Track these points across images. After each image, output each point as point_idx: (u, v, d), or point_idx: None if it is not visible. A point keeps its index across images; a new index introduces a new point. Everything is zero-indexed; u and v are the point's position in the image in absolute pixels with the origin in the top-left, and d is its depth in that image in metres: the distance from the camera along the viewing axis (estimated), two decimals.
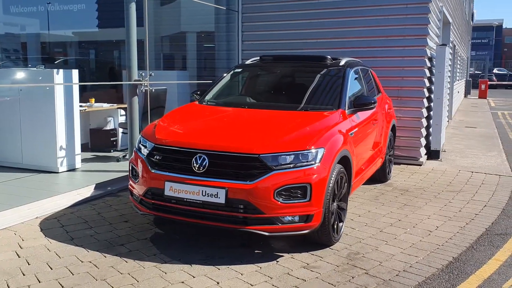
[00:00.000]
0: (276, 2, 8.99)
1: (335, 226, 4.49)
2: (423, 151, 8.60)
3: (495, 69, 50.98)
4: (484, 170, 8.10)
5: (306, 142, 4.18)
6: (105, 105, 8.62)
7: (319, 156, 4.16)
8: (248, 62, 6.22)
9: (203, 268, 3.96)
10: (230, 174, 4.04)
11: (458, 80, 21.49)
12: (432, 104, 8.86)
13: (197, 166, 4.11)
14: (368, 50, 8.44)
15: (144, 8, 6.94)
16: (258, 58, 6.19)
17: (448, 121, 15.17)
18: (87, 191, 5.93)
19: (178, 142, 4.32)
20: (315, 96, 5.40)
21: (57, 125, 6.76)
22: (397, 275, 3.95)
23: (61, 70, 6.85)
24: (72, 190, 5.80)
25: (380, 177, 6.96)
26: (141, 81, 6.84)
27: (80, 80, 7.41)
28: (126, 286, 3.62)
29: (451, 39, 14.11)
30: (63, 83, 6.77)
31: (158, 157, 4.36)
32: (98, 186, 6.12)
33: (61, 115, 6.82)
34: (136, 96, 6.96)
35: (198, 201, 4.06)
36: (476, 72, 48.36)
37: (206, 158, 4.11)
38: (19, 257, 4.11)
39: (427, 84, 8.59)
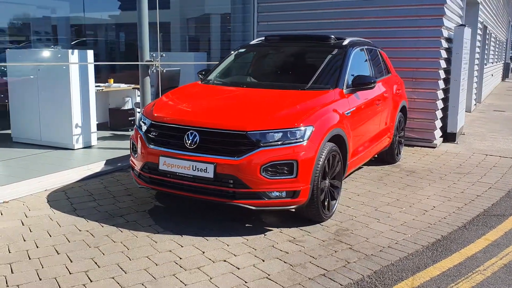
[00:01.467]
0: None
1: (325, 203, 4.57)
2: (438, 133, 8.51)
3: None
4: (500, 153, 7.96)
5: (294, 120, 4.26)
6: (123, 86, 8.87)
7: (307, 134, 4.23)
8: (253, 42, 6.31)
9: (193, 239, 4.13)
10: (219, 150, 4.17)
11: (492, 63, 20.87)
12: (449, 86, 8.72)
13: (189, 142, 4.26)
14: (384, 30, 8.36)
15: None
16: (263, 38, 6.26)
17: (475, 104, 14.84)
18: (97, 167, 6.19)
19: (172, 119, 4.48)
20: (314, 75, 5.44)
21: (72, 104, 7.03)
22: (380, 250, 4.02)
23: (76, 51, 7.11)
24: (83, 165, 6.07)
25: (388, 158, 6.96)
26: (152, 61, 7.02)
27: (102, 60, 7.66)
28: (117, 253, 3.83)
29: (480, 19, 13.70)
30: (78, 63, 7.02)
31: (154, 134, 4.53)
32: (108, 162, 6.37)
33: (76, 94, 7.08)
34: (148, 77, 7.16)
35: (189, 176, 4.22)
36: None
37: (197, 134, 4.26)
38: (23, 225, 4.39)
39: (444, 65, 8.45)
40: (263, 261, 3.76)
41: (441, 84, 8.43)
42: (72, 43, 11.98)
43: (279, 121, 4.25)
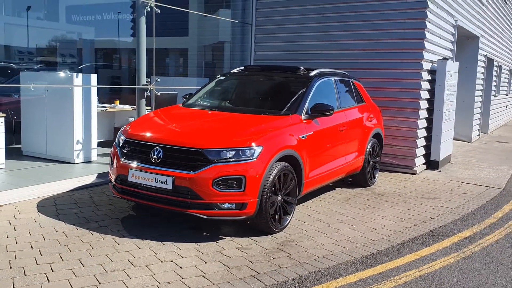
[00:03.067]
0: (286, 16, 9.65)
1: (276, 217, 5.09)
2: (419, 160, 8.91)
3: None
4: (476, 182, 8.31)
5: (246, 140, 4.84)
6: (126, 107, 9.62)
7: (256, 153, 4.80)
8: (233, 70, 6.95)
9: (151, 243, 4.70)
10: (179, 165, 4.77)
11: (506, 94, 21.00)
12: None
13: (154, 157, 4.88)
14: (368, 62, 8.91)
15: (153, 20, 7.80)
16: (243, 67, 6.91)
17: (478, 134, 15.09)
18: (89, 179, 6.86)
19: (142, 136, 5.12)
20: (278, 102, 6.03)
21: (74, 122, 7.77)
22: (314, 259, 4.51)
23: (80, 74, 7.89)
24: (76, 177, 6.75)
25: (361, 181, 7.43)
26: (147, 85, 7.74)
27: (110, 83, 8.43)
28: (81, 251, 4.43)
29: (482, 52, 14.08)
30: (81, 85, 7.79)
31: (127, 149, 5.18)
32: (100, 175, 7.04)
33: (79, 113, 7.82)
34: (144, 99, 7.87)
35: (152, 187, 4.82)
36: None
37: (161, 150, 4.88)
38: (10, 225, 5.05)
39: (427, 96, 8.92)
40: (206, 263, 4.30)
41: (423, 113, 8.87)
42: (80, 66, 12.96)
43: (232, 141, 4.83)
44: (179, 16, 11.91)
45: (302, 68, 6.50)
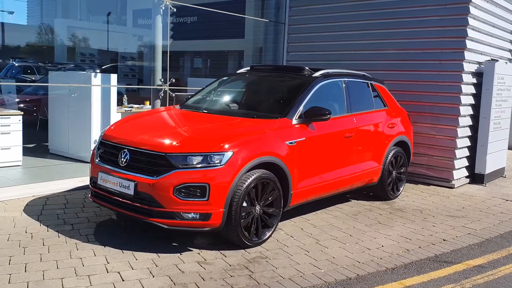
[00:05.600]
0: (320, 14, 9.10)
1: (252, 229, 4.64)
2: (459, 173, 7.99)
3: None
4: None
5: (214, 145, 4.44)
6: None
7: (225, 159, 4.38)
8: (239, 71, 6.56)
9: (110, 251, 4.44)
10: (143, 169, 4.47)
11: None
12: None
13: (122, 160, 4.62)
14: (404, 63, 8.15)
15: (168, 21, 7.62)
16: (249, 67, 6.51)
17: None
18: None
19: (113, 138, 4.89)
20: (271, 104, 5.57)
21: (92, 122, 7.77)
22: (277, 281, 4.01)
23: (99, 74, 7.90)
24: (76, 177, 6.69)
25: (380, 194, 6.74)
26: (161, 86, 7.56)
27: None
28: (35, 255, 4.25)
29: None
30: (100, 85, 7.77)
31: (101, 151, 4.97)
32: None
33: (97, 113, 7.82)
34: (158, 100, 7.70)
35: (116, 191, 4.57)
36: None
37: (128, 153, 4.61)
38: None
39: (471, 101, 7.99)
40: (153, 277, 3.95)
41: (466, 121, 7.96)
42: (103, 66, 13.20)
43: (200, 145, 4.45)
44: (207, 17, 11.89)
45: (307, 68, 5.97)
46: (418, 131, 7.89)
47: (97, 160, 4.93)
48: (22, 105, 9.90)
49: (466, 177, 8.29)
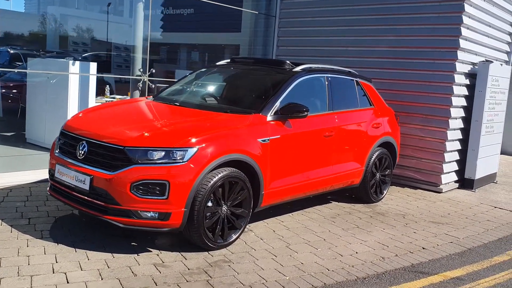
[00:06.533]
0: (312, 7, 8.79)
1: (217, 231, 4.35)
2: (447, 177, 7.70)
3: None
4: None
5: (177, 140, 4.15)
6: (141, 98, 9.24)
7: (188, 155, 4.09)
8: (219, 63, 6.25)
9: (63, 249, 4.15)
10: (101, 163, 4.18)
11: None
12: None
13: (80, 152, 4.33)
14: (395, 61, 7.84)
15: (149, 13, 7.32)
16: (229, 59, 6.21)
17: None
18: None
19: (73, 129, 4.59)
20: (247, 99, 5.27)
21: (68, 111, 7.46)
22: (236, 287, 3.73)
23: (77, 62, 7.58)
24: (46, 168, 6.38)
25: (362, 196, 6.45)
26: (141, 76, 7.26)
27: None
28: None
29: None
30: (78, 73, 7.46)
31: (61, 142, 4.67)
32: None
33: (74, 102, 7.52)
34: (138, 90, 7.41)
35: (72, 185, 4.28)
36: None
37: (86, 145, 4.31)
38: None
39: (463, 103, 7.69)
40: (101, 279, 3.67)
41: (457, 123, 7.66)
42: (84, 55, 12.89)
43: (162, 140, 4.16)
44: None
45: (288, 62, 5.67)
46: (407, 132, 7.60)
47: (56, 152, 4.64)
48: (3, 91, 9.62)
49: (456, 181, 8.00)
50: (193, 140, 4.17)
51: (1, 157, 7.05)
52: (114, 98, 8.88)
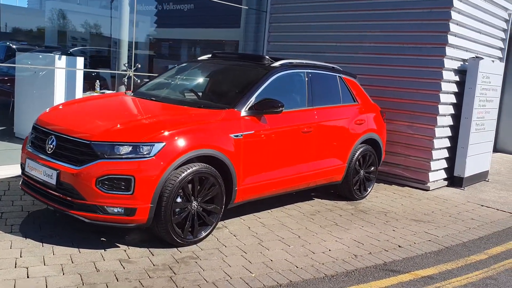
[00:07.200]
0: (302, 3, 8.70)
1: (186, 227, 4.31)
2: (435, 175, 7.62)
3: None
4: (501, 207, 6.90)
5: (143, 134, 4.11)
6: (128, 93, 9.22)
7: (155, 150, 4.06)
8: (200, 58, 6.21)
9: (30, 243, 4.12)
10: (68, 158, 4.15)
11: None
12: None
13: (48, 147, 4.31)
14: (383, 57, 7.74)
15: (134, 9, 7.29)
16: (210, 54, 6.16)
17: None
18: None
19: (44, 123, 4.57)
20: (224, 94, 5.22)
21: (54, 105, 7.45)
22: (198, 285, 3.69)
23: (63, 56, 7.55)
24: None
25: (345, 194, 6.39)
26: (126, 71, 7.23)
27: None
28: None
29: None
30: (65, 68, 7.44)
31: (32, 136, 4.65)
32: None
33: (60, 97, 7.49)
34: (123, 85, 7.38)
35: (40, 180, 4.25)
36: None
37: (55, 140, 4.29)
38: None
39: (453, 100, 7.60)
40: (63, 274, 3.64)
41: (446, 120, 7.57)
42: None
43: (129, 134, 4.12)
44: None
45: (267, 57, 5.62)
46: (394, 129, 7.52)
47: (28, 146, 4.62)
48: None
49: (445, 179, 7.91)
50: (160, 135, 4.13)
51: None
52: (104, 93, 8.86)
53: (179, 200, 4.24)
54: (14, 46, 13.00)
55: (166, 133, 4.16)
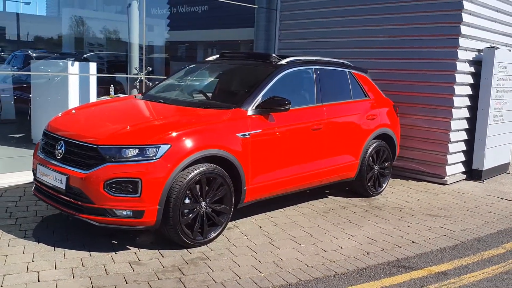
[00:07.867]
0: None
1: (195, 228, 4.32)
2: (452, 169, 7.48)
3: None
4: None
5: (149, 137, 4.13)
6: None
7: (161, 152, 4.07)
8: (208, 58, 6.22)
9: (42, 248, 4.18)
10: (77, 163, 4.20)
11: None
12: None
13: (58, 152, 4.36)
14: (395, 50, 7.64)
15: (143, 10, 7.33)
16: (218, 55, 6.17)
17: None
18: None
19: (54, 128, 4.63)
20: (231, 93, 5.22)
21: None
22: (206, 285, 3.69)
23: (76, 63, 7.66)
24: None
25: (360, 190, 6.32)
26: (137, 74, 7.29)
27: None
28: None
29: None
30: (78, 74, 7.54)
31: (43, 142, 4.72)
32: None
33: (74, 103, 7.60)
34: (135, 89, 7.44)
35: (51, 185, 4.31)
36: None
37: (63, 145, 4.34)
38: None
39: (469, 92, 7.45)
40: (73, 278, 3.68)
41: (462, 113, 7.42)
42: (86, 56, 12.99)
43: (135, 137, 4.15)
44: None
45: (274, 55, 5.60)
46: (409, 123, 7.41)
47: (39, 152, 4.69)
48: (18, 93, 9.81)
49: (463, 173, 7.76)
50: (166, 137, 4.15)
51: (4, 158, 7.19)
52: (118, 96, 8.94)
53: (187, 201, 4.25)
54: (33, 54, 13.25)
55: (172, 135, 4.18)
